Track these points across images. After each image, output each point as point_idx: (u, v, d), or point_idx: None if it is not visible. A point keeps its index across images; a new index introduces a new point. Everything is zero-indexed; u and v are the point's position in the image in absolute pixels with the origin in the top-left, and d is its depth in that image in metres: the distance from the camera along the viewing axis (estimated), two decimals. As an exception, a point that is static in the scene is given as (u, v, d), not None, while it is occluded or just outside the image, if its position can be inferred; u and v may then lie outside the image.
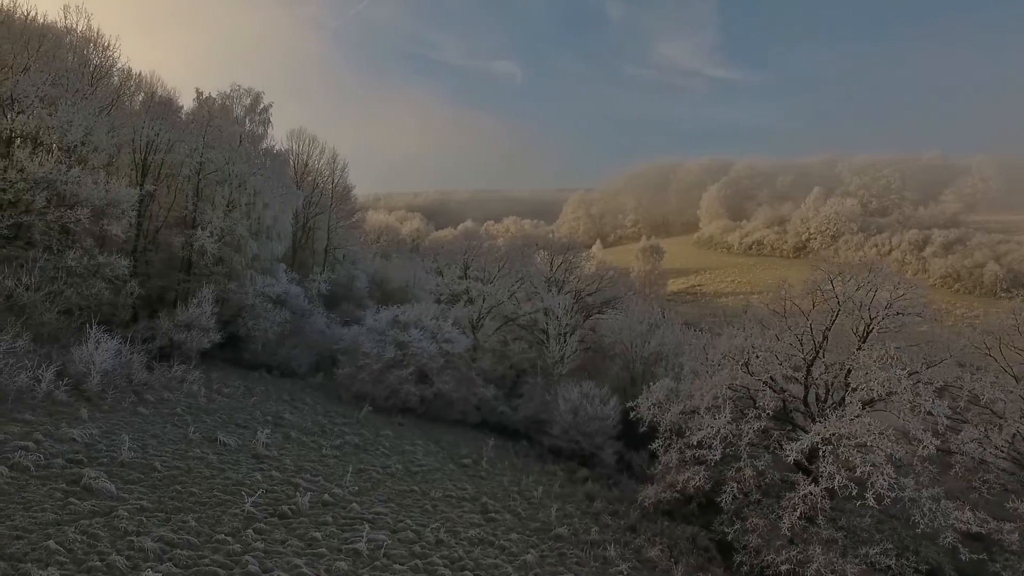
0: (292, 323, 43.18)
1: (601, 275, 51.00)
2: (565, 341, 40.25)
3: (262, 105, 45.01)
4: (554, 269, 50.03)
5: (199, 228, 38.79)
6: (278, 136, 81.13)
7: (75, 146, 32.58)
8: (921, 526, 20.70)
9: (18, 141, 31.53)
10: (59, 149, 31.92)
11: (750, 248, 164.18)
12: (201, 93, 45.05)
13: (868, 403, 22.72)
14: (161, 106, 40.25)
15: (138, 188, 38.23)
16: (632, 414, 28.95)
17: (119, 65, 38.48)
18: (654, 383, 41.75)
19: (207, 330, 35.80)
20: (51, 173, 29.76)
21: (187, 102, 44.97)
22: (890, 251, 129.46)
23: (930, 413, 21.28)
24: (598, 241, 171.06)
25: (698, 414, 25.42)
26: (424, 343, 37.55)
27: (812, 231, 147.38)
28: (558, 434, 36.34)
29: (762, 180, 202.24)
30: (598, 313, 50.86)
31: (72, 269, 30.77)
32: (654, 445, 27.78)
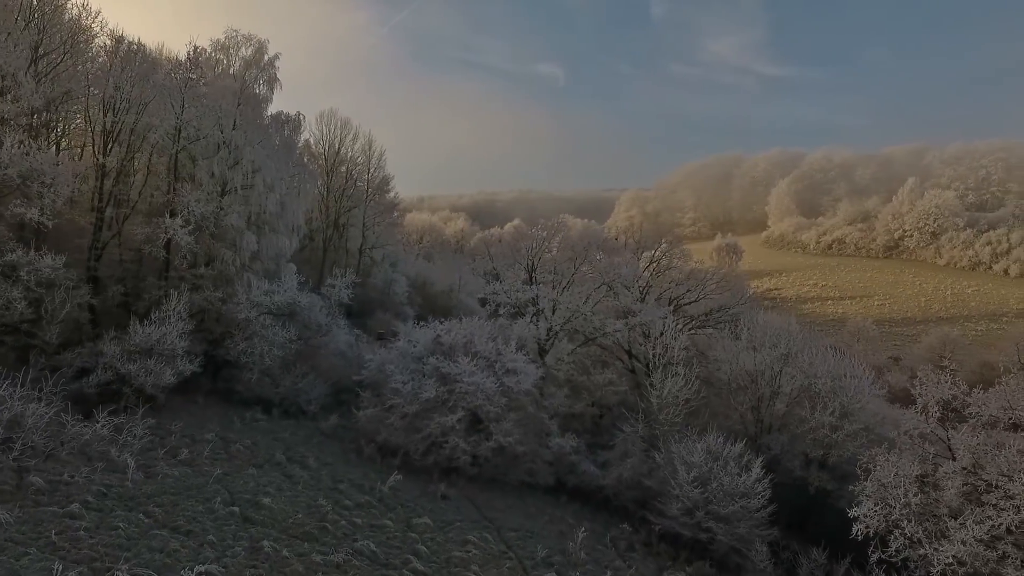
0: (304, 342, 32.65)
1: (706, 277, 38.52)
2: (678, 374, 28.11)
3: (267, 57, 34.54)
4: (645, 268, 37.99)
5: (168, 215, 28.53)
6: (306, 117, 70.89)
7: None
8: None
9: None
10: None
11: (830, 247, 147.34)
12: (195, 47, 34.54)
13: None
14: (131, 55, 30.11)
15: (96, 160, 28.53)
16: (855, 530, 16.71)
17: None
18: (809, 435, 29.61)
19: (173, 357, 25.35)
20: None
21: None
22: (1008, 249, 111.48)
23: None
24: (663, 241, 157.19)
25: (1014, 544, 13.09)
26: (478, 377, 26.14)
27: (907, 228, 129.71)
28: (677, 515, 24.34)
29: (838, 174, 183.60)
30: (700, 328, 38.47)
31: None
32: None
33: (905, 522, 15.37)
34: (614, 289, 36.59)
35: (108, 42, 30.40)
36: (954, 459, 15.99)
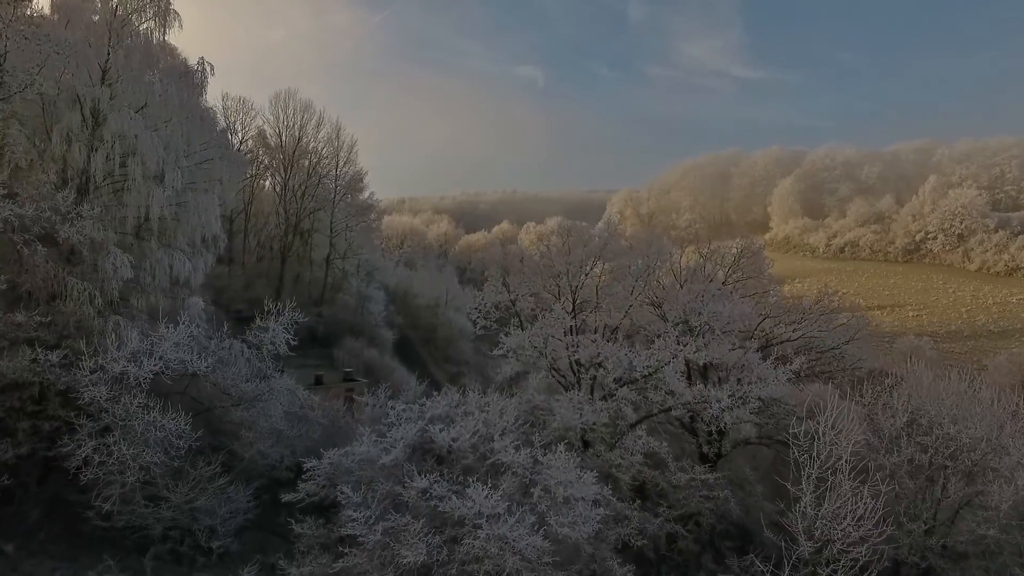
0: (220, 418, 20.59)
1: (813, 304, 26.76)
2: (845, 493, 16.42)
3: (159, -18, 22.07)
4: (726, 276, 26.42)
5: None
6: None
7: None
8: None
9: None
10: None
11: (842, 251, 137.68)
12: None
13: None
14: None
15: None
16: None
17: None
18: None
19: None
20: None
21: None
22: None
23: None
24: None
25: None
26: (505, 526, 14.03)
27: (930, 229, 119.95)
28: None
29: (842, 172, 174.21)
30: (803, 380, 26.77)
31: None
32: None
33: None
34: (674, 325, 24.79)
35: None
36: None
